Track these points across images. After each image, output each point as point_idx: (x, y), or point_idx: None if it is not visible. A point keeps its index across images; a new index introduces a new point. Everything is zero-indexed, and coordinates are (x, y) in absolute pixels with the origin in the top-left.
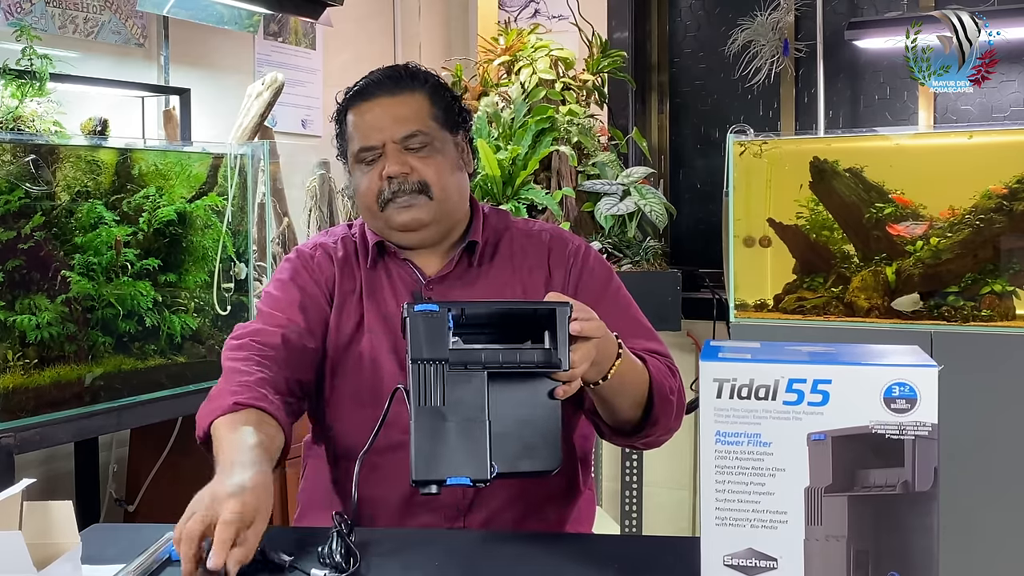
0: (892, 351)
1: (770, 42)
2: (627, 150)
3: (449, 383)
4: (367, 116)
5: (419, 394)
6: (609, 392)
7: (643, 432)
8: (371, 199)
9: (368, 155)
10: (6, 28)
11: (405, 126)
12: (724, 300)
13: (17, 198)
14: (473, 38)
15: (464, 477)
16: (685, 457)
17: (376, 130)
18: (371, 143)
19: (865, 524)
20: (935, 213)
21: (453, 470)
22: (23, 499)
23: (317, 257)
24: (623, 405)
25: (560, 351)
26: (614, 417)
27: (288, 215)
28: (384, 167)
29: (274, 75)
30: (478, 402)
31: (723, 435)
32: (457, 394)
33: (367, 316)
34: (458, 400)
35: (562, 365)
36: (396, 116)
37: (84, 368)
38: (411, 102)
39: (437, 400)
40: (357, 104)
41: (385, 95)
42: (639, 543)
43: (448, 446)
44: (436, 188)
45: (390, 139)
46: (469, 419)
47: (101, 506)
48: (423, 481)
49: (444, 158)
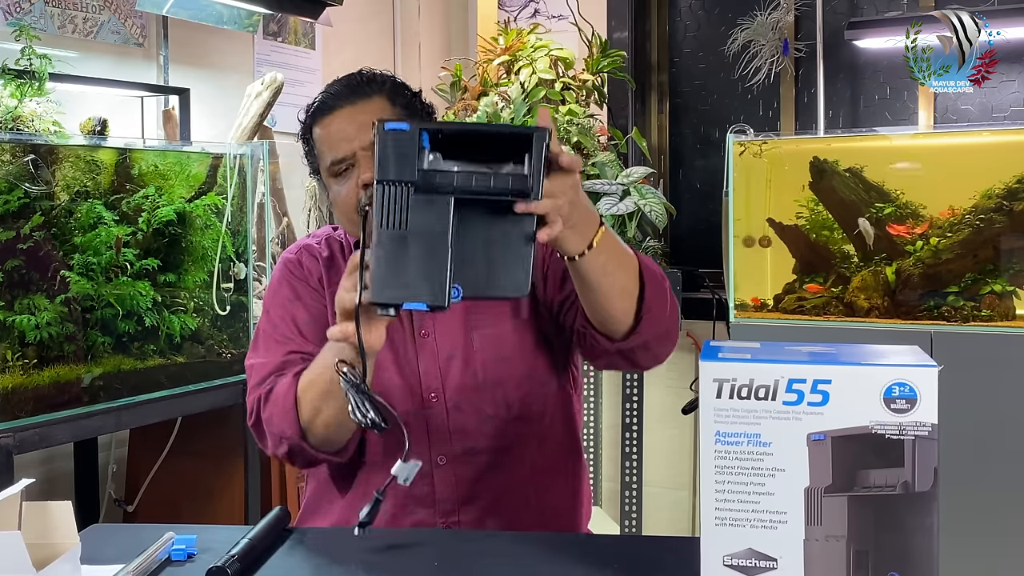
0: (892, 351)
1: (770, 42)
2: (627, 150)
3: (414, 206)
4: (331, 129)
5: (382, 216)
6: (595, 271)
7: (639, 327)
8: (350, 209)
9: (340, 167)
10: (5, 28)
11: (371, 130)
12: (724, 300)
13: (16, 198)
14: (473, 38)
15: (421, 303)
16: (685, 457)
17: (344, 141)
18: (341, 154)
19: (865, 524)
20: (935, 213)
21: (411, 295)
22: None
23: (303, 260)
24: (612, 289)
25: (533, 178)
26: (605, 312)
27: (287, 215)
28: (359, 175)
29: (273, 75)
30: (442, 227)
31: (723, 435)
32: (422, 217)
33: None
34: (422, 223)
35: (534, 192)
36: (360, 123)
37: (83, 368)
38: (371, 106)
39: (400, 223)
40: (320, 119)
41: (346, 104)
42: (639, 543)
43: (409, 271)
44: None
45: (359, 147)
46: (432, 244)
47: (100, 506)
48: (380, 304)
49: None
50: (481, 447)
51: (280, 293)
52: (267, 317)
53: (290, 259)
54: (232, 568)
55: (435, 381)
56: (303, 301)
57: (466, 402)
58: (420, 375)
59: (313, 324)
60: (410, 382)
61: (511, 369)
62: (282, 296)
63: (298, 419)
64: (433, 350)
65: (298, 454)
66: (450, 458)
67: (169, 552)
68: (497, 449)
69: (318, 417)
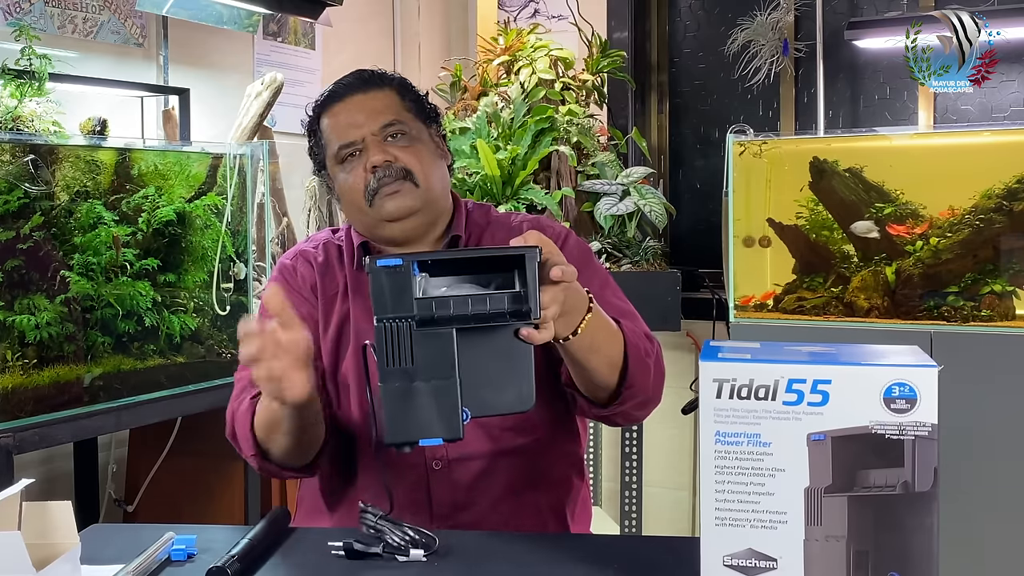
0: (892, 351)
1: (770, 42)
2: (627, 150)
3: (417, 340)
4: (341, 116)
5: (386, 354)
6: (581, 350)
7: (620, 398)
8: (358, 194)
9: (348, 151)
10: (5, 28)
11: (381, 116)
12: (724, 300)
13: (16, 198)
14: (472, 38)
15: (436, 438)
16: (685, 457)
17: (353, 127)
18: (350, 139)
19: (865, 524)
20: (935, 213)
21: (425, 431)
22: (22, 499)
23: (298, 267)
24: (597, 366)
25: (531, 298)
26: (589, 383)
27: (287, 215)
28: (367, 160)
29: (273, 75)
30: (447, 359)
31: (723, 435)
32: (425, 350)
33: (353, 313)
34: (427, 357)
35: (533, 313)
36: (371, 109)
37: (83, 368)
38: (382, 96)
39: (405, 360)
40: (329, 107)
41: (356, 93)
42: (639, 543)
43: (419, 406)
44: (420, 175)
45: (369, 132)
46: (439, 377)
47: (100, 506)
48: (396, 444)
49: (423, 146)
50: (478, 453)
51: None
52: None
53: (286, 265)
54: (232, 568)
55: None
56: (295, 309)
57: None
58: None
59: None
60: None
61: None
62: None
63: (256, 443)
64: None
65: (267, 470)
66: (446, 463)
67: (169, 552)
68: (494, 455)
69: (272, 445)
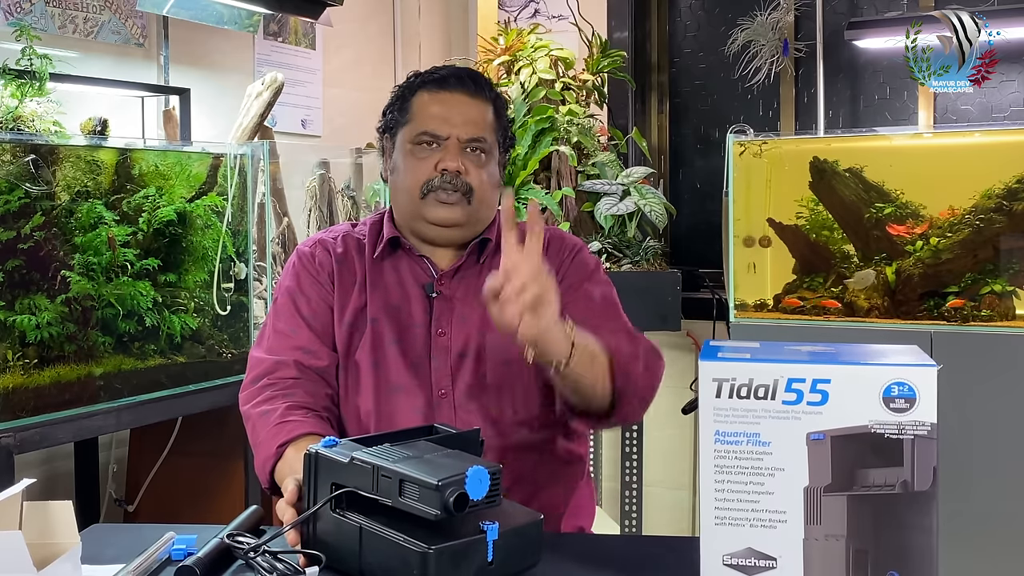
0: (891, 351)
1: (770, 42)
2: (627, 150)
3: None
4: (442, 106)
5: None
6: (569, 383)
7: (612, 415)
8: (416, 185)
9: (427, 138)
10: (6, 28)
11: (474, 129)
12: (724, 300)
13: (17, 198)
14: (473, 38)
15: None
16: (685, 457)
17: (446, 122)
18: (437, 131)
19: (864, 524)
20: (935, 213)
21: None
22: (23, 499)
23: (316, 254)
24: (591, 390)
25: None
26: (582, 406)
27: (288, 215)
28: (441, 159)
29: (274, 75)
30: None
31: (722, 435)
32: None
33: (370, 306)
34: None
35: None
36: (469, 116)
37: (84, 368)
38: (483, 109)
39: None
40: (433, 89)
41: (464, 93)
42: (639, 543)
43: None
44: (478, 196)
45: (456, 136)
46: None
47: (101, 506)
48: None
49: (492, 171)
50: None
51: (288, 284)
52: (274, 307)
53: (304, 252)
54: (200, 567)
55: (445, 379)
56: (308, 294)
57: (473, 402)
58: (431, 371)
59: (316, 318)
60: (421, 378)
61: (518, 374)
62: (290, 287)
63: (272, 483)
64: (447, 348)
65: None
66: None
67: (169, 552)
68: (499, 450)
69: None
